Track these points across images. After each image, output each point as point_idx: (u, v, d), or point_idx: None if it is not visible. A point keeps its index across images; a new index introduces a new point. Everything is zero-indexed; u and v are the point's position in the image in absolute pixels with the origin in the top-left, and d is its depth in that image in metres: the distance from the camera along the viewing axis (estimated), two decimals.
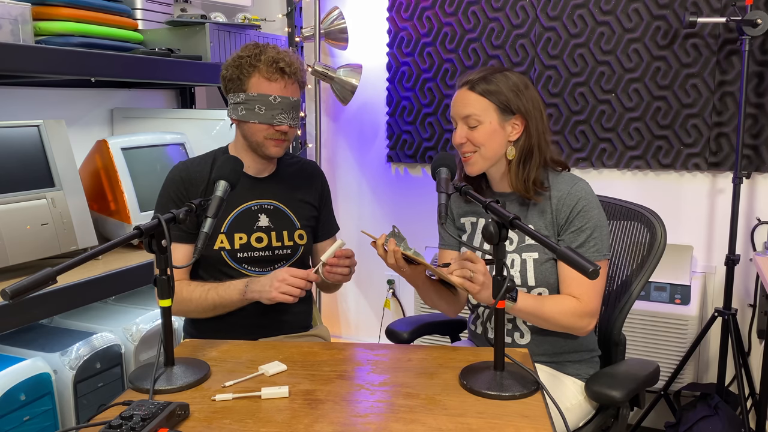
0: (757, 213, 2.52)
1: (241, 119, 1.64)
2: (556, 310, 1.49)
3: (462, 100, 1.56)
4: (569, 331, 1.54)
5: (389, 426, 1.13)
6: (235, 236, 1.68)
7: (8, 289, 1.05)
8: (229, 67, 1.64)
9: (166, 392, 1.27)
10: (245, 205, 1.70)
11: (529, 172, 1.55)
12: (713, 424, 2.26)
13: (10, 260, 1.71)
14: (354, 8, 3.07)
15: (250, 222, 1.70)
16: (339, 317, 3.39)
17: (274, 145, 1.65)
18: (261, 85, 1.61)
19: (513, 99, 1.52)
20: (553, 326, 1.53)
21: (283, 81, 1.62)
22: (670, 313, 2.41)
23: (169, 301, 1.32)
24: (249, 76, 1.61)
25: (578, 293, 1.51)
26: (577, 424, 1.57)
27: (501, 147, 1.55)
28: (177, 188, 1.67)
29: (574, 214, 1.53)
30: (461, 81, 1.58)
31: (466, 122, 1.55)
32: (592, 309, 1.51)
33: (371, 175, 3.19)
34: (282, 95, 1.62)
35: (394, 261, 1.47)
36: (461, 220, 1.71)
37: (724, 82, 2.47)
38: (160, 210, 1.67)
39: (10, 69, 1.71)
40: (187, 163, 1.73)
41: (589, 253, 1.52)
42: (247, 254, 1.69)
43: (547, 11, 2.69)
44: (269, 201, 1.73)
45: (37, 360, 1.68)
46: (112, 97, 2.58)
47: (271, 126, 1.62)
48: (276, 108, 1.61)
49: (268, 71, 1.60)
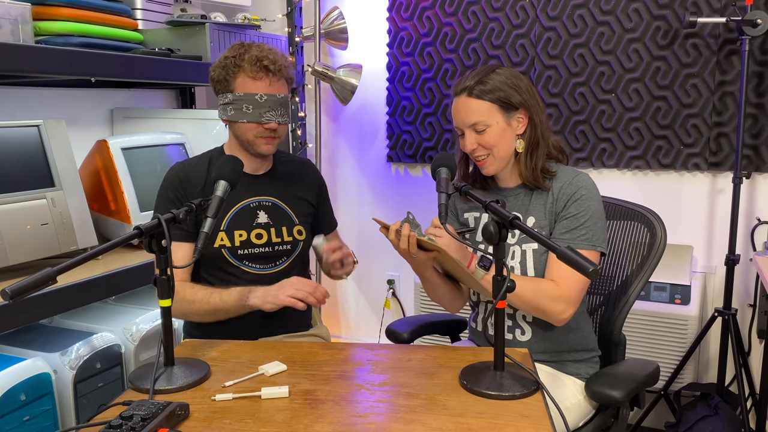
0: (757, 213, 2.51)
1: (231, 119, 1.65)
2: (530, 287, 1.48)
3: (464, 108, 1.55)
4: (544, 315, 1.51)
5: (389, 426, 1.13)
6: (235, 233, 1.68)
7: (8, 289, 1.05)
8: (216, 69, 1.66)
9: (166, 392, 1.27)
10: (244, 202, 1.71)
11: (537, 160, 1.57)
12: (713, 424, 2.26)
13: (10, 260, 1.71)
14: (354, 8, 3.07)
15: (250, 219, 1.71)
16: (339, 317, 3.39)
17: (264, 143, 1.66)
18: (246, 84, 1.62)
19: (512, 94, 1.53)
20: (528, 307, 1.51)
21: (268, 79, 1.62)
22: (670, 313, 2.41)
23: (169, 301, 1.32)
24: (235, 76, 1.62)
25: (556, 277, 1.50)
26: (577, 424, 1.57)
27: (512, 143, 1.57)
28: (175, 188, 1.68)
29: (571, 202, 1.54)
30: (457, 89, 1.57)
31: (473, 129, 1.55)
32: (568, 295, 1.49)
33: (371, 175, 3.19)
34: (268, 93, 1.62)
35: (407, 246, 1.46)
36: (465, 216, 1.72)
37: (724, 82, 2.47)
38: (159, 211, 1.67)
39: (10, 69, 1.71)
40: (184, 163, 1.74)
41: (578, 241, 1.51)
42: (247, 251, 1.69)
43: (547, 11, 2.69)
44: (267, 198, 1.74)
45: (37, 360, 1.68)
46: (112, 97, 2.58)
47: (260, 124, 1.63)
48: (263, 106, 1.62)
49: (253, 70, 1.61)
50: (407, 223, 1.48)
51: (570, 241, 1.51)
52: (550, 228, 1.57)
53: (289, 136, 3.02)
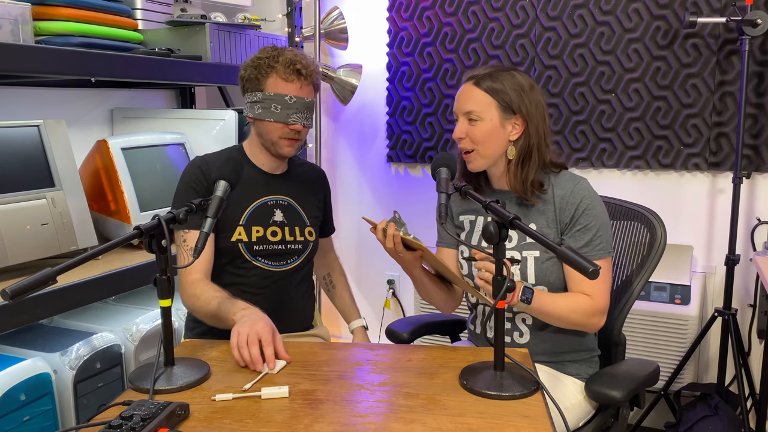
0: (757, 213, 2.51)
1: (257, 117, 1.68)
2: (570, 308, 1.51)
3: (466, 95, 1.56)
4: (580, 328, 1.55)
5: (389, 426, 1.13)
6: (253, 229, 1.72)
7: (8, 289, 1.05)
8: (248, 68, 1.70)
9: (166, 392, 1.27)
10: (262, 199, 1.75)
11: (527, 173, 1.55)
12: (713, 424, 2.26)
13: (10, 260, 1.71)
14: (354, 8, 3.07)
15: (267, 216, 1.74)
16: (339, 317, 3.37)
17: (287, 145, 1.70)
18: (278, 85, 1.66)
19: (515, 99, 1.52)
20: (565, 324, 1.54)
21: (299, 82, 1.67)
22: (670, 313, 2.41)
23: (169, 301, 1.32)
24: (267, 76, 1.66)
25: (590, 291, 1.52)
26: (577, 424, 1.57)
27: (500, 146, 1.56)
28: (197, 177, 1.70)
29: (579, 213, 1.54)
30: (467, 75, 1.58)
31: (467, 117, 1.55)
32: (603, 306, 1.53)
33: (371, 175, 3.19)
34: (297, 95, 1.67)
35: (393, 245, 1.49)
36: (460, 218, 1.72)
37: (724, 82, 2.47)
38: (179, 201, 1.69)
39: (10, 69, 1.71)
40: (204, 157, 1.77)
41: (595, 251, 1.53)
42: (262, 247, 1.72)
43: (547, 11, 2.69)
44: (283, 197, 1.78)
45: (37, 360, 1.67)
46: (112, 97, 2.58)
47: (286, 125, 1.67)
48: (291, 107, 1.66)
49: (285, 72, 1.65)
50: (393, 222, 1.50)
51: (588, 253, 1.52)
52: (553, 237, 1.57)
53: None
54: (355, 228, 3.24)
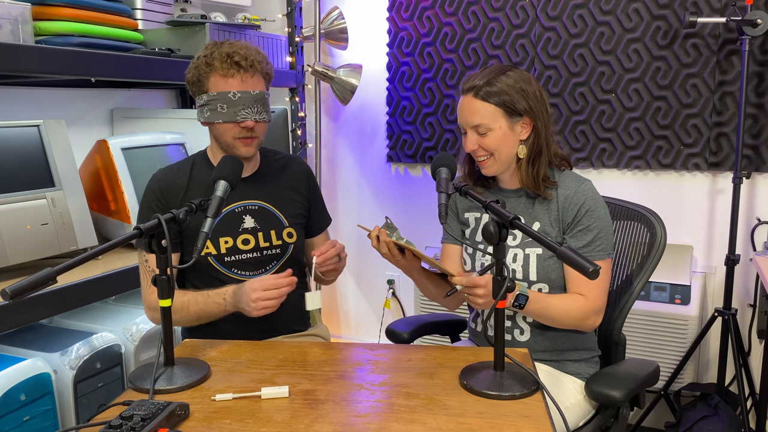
0: (757, 213, 2.51)
1: (208, 121, 1.61)
2: (564, 310, 1.52)
3: (469, 108, 1.55)
4: (576, 328, 1.57)
5: (389, 426, 1.13)
6: (221, 240, 1.64)
7: (8, 289, 1.05)
8: (190, 70, 1.61)
9: (166, 392, 1.27)
10: (228, 207, 1.66)
11: (538, 168, 1.56)
12: (713, 424, 2.26)
13: (10, 260, 1.71)
14: (354, 8, 3.07)
15: (235, 225, 1.66)
16: (339, 317, 3.39)
17: (243, 145, 1.61)
18: (218, 83, 1.57)
19: (518, 99, 1.52)
20: (561, 324, 1.55)
21: (239, 75, 1.56)
22: (670, 313, 2.41)
23: (169, 301, 1.32)
24: (207, 75, 1.57)
25: (586, 291, 1.53)
26: (577, 423, 1.57)
27: (513, 148, 1.56)
28: (156, 197, 1.65)
29: (581, 214, 1.54)
30: (465, 87, 1.56)
31: (476, 130, 1.55)
32: (598, 306, 1.54)
33: (371, 175, 3.19)
34: (241, 90, 1.57)
35: (387, 251, 1.50)
36: (465, 215, 1.72)
37: (724, 82, 2.47)
38: (141, 220, 1.64)
39: (10, 69, 1.71)
40: (165, 170, 1.70)
41: (596, 252, 1.54)
42: (234, 258, 1.65)
43: (547, 11, 2.69)
44: (253, 201, 1.69)
45: (37, 360, 1.68)
46: (112, 97, 2.58)
47: (236, 124, 1.58)
48: (237, 104, 1.56)
49: (223, 67, 1.56)
50: (384, 228, 1.51)
51: (588, 254, 1.53)
52: (555, 235, 1.57)
53: (289, 136, 3.02)
54: (355, 228, 3.24)
